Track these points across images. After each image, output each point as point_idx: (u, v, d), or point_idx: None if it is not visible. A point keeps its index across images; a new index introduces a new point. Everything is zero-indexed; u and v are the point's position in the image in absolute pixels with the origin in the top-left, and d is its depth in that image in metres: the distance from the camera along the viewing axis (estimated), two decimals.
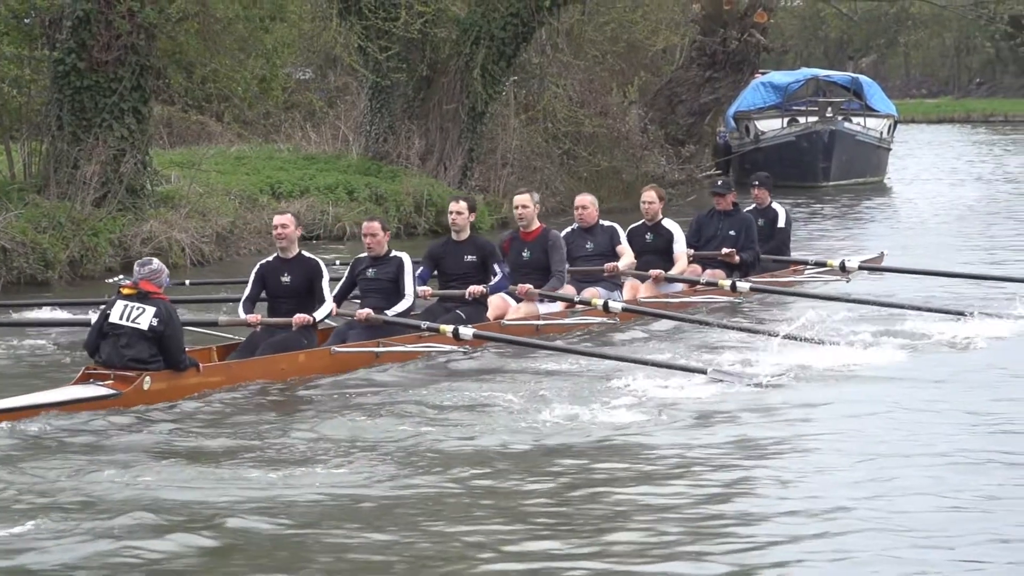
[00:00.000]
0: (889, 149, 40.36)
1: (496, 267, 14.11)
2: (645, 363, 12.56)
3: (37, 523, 8.34)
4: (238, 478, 9.30)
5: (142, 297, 11.37)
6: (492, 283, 14.05)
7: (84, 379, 11.36)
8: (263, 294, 12.90)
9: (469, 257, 14.16)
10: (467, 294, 13.98)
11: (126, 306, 11.35)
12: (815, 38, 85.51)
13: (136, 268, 11.61)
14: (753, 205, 17.89)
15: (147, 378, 11.28)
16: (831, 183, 37.04)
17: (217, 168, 24.71)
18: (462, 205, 14.31)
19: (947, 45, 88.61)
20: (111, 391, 11.16)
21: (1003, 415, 11.09)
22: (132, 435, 10.53)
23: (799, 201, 30.96)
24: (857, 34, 79.37)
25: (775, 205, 17.97)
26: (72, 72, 20.01)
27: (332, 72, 33.76)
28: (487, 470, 9.54)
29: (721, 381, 12.09)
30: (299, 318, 12.53)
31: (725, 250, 16.78)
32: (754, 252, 16.98)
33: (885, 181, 39.32)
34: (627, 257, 15.59)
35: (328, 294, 12.80)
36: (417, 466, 9.63)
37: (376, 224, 13.56)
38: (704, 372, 12.23)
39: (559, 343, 13.81)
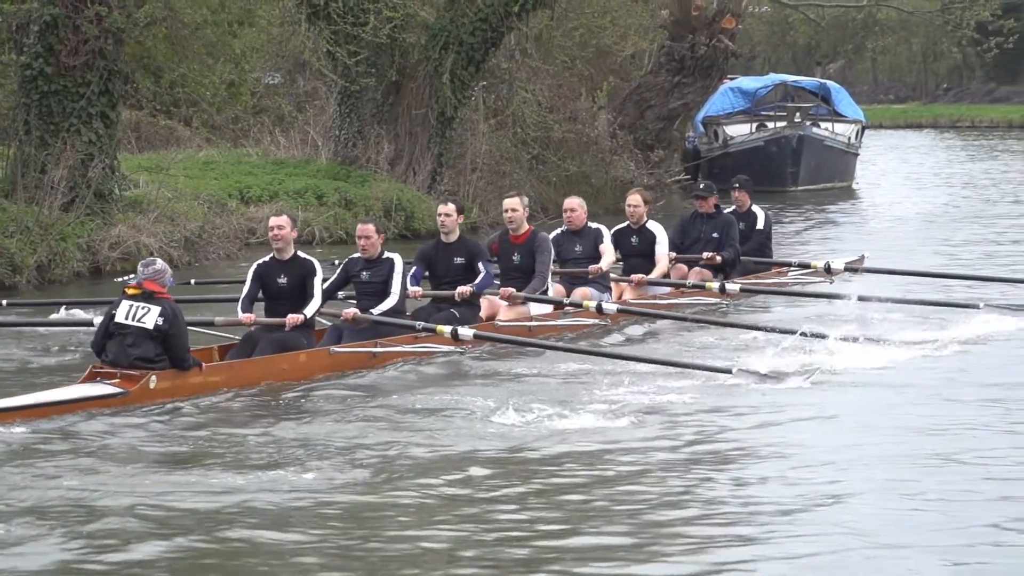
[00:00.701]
0: (857, 154, 40.53)
1: (480, 265, 14.26)
2: (665, 363, 12.67)
3: (8, 527, 8.33)
4: (220, 482, 9.28)
5: (147, 297, 11.52)
6: (476, 281, 14.17)
7: (91, 378, 11.52)
8: (260, 294, 13.01)
9: (458, 259, 14.32)
10: (456, 295, 14.10)
11: (131, 306, 11.51)
12: (783, 44, 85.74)
13: (140, 268, 11.73)
14: (733, 207, 18.06)
15: (153, 377, 11.46)
16: (799, 188, 37.17)
17: (185, 173, 24.63)
18: (450, 207, 14.45)
19: (914, 51, 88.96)
20: (118, 390, 11.33)
21: (983, 414, 11.22)
22: (131, 437, 10.57)
23: (767, 206, 30.99)
24: (825, 40, 79.63)
25: (755, 208, 18.18)
26: (40, 77, 19.94)
27: (301, 77, 33.70)
28: (471, 475, 9.51)
29: (748, 381, 12.21)
30: (292, 318, 12.66)
31: (707, 254, 16.95)
32: (734, 250, 17.15)
33: (853, 186, 39.49)
34: (607, 256, 15.64)
35: (318, 291, 12.91)
36: (395, 471, 9.62)
37: (370, 227, 13.63)
38: (729, 372, 12.31)
39: (566, 344, 13.94)
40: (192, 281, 17.47)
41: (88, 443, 10.37)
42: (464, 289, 14.10)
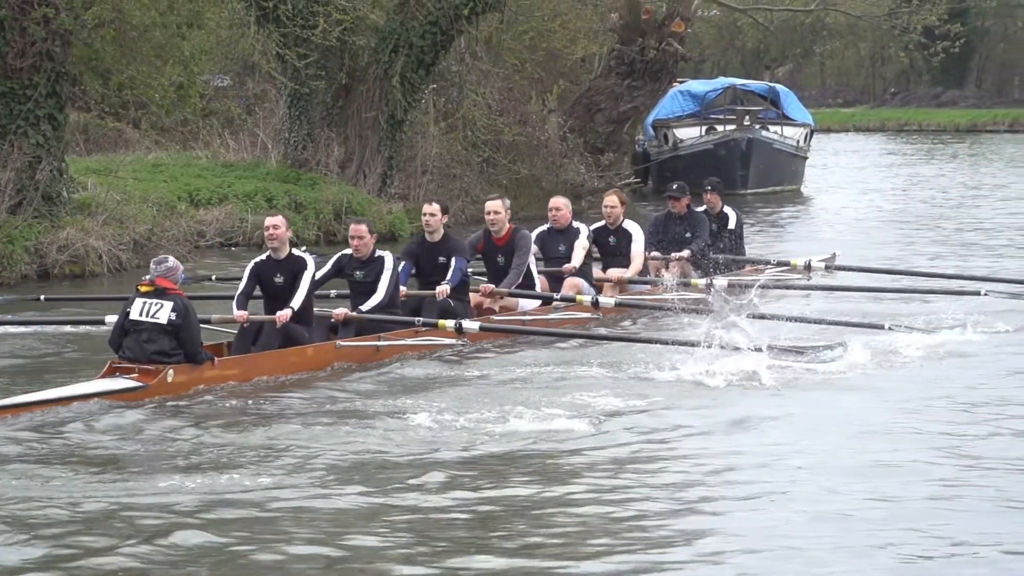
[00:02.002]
0: (806, 158, 40.72)
1: (454, 261, 14.46)
2: (692, 344, 12.91)
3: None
4: (174, 485, 9.30)
5: (159, 293, 11.91)
6: (448, 278, 14.37)
7: (110, 372, 11.92)
8: (259, 291, 13.28)
9: (441, 258, 14.56)
10: (436, 295, 14.26)
11: (145, 303, 11.90)
12: (732, 48, 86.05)
13: (152, 266, 12.11)
14: (704, 208, 18.48)
15: (170, 371, 11.88)
16: (749, 191, 37.29)
17: (134, 175, 24.50)
18: (435, 207, 14.72)
19: (862, 55, 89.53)
20: (138, 383, 11.75)
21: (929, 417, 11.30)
22: (148, 433, 10.79)
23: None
24: (773, 44, 79.93)
25: (726, 209, 18.68)
26: None
27: (250, 79, 33.58)
28: (429, 480, 9.49)
29: (781, 359, 12.56)
30: (280, 315, 12.88)
31: (675, 254, 17.39)
32: (702, 241, 17.59)
33: (802, 189, 39.66)
34: (577, 254, 15.93)
35: (305, 284, 13.09)
36: (363, 474, 9.65)
37: (363, 227, 13.86)
38: (760, 350, 12.66)
39: (572, 330, 14.51)
40: (214, 277, 17.93)
41: (110, 436, 10.66)
42: (442, 289, 14.29)
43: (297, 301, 12.95)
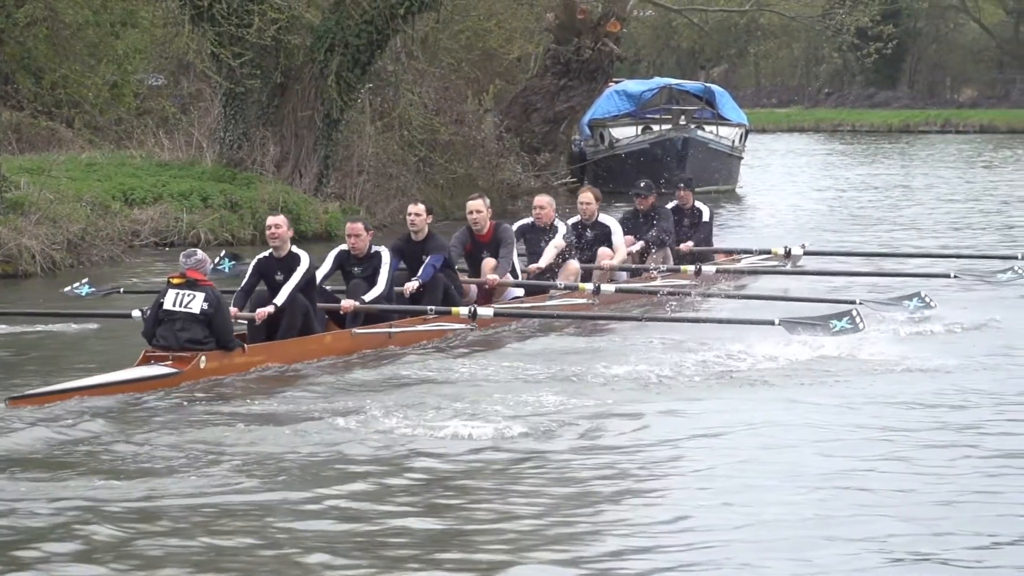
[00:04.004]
0: (741, 158, 40.89)
1: (428, 258, 14.73)
2: (708, 321, 13.75)
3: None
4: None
5: (191, 284, 12.47)
6: (419, 274, 14.62)
7: (145, 361, 12.46)
8: (264, 287, 13.60)
9: (425, 257, 14.85)
10: (405, 292, 14.53)
11: (178, 294, 12.47)
12: (667, 48, 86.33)
13: (182, 259, 12.68)
14: (676, 203, 19.21)
15: (203, 357, 12.48)
16: None
17: (68, 175, 24.29)
18: (420, 207, 15.12)
19: (796, 56, 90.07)
20: (172, 370, 12.33)
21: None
22: (177, 421, 11.06)
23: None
24: (708, 44, 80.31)
25: (698, 204, 19.49)
26: None
27: (185, 78, 33.38)
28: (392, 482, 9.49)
29: (794, 330, 13.11)
30: (260, 313, 13.26)
31: (630, 249, 17.83)
32: (660, 230, 18.10)
33: (736, 189, 39.83)
34: (549, 251, 16.29)
35: (294, 281, 13.41)
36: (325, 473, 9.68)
37: (359, 225, 14.32)
38: (772, 323, 13.26)
39: (586, 313, 15.11)
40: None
41: (147, 421, 11.07)
42: (409, 285, 14.55)
43: (280, 298, 13.30)
